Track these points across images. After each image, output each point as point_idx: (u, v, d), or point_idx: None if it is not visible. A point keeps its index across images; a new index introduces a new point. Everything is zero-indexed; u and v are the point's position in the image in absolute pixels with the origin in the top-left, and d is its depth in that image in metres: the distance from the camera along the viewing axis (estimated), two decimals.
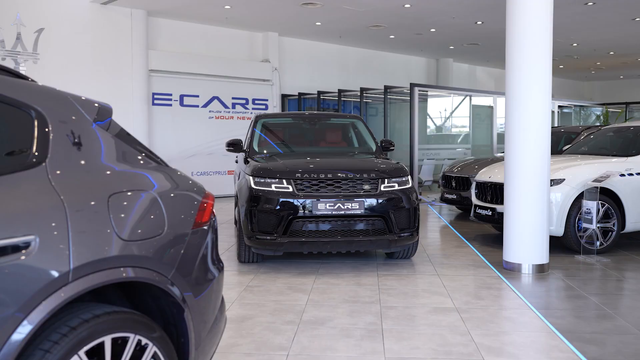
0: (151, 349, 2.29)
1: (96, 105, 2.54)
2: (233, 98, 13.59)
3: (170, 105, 12.69)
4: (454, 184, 9.94)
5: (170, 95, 12.67)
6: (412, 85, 12.17)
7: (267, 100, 14.17)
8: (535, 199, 6.00)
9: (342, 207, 5.92)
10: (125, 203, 2.30)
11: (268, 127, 7.68)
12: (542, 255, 6.06)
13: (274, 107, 14.26)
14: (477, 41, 15.32)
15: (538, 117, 5.98)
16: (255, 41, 14.26)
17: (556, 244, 7.16)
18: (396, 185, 6.17)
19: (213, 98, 13.28)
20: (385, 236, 6.02)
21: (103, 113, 2.55)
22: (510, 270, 6.11)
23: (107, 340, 2.13)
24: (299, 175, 6.00)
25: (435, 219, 10.09)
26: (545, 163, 6.01)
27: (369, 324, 4.36)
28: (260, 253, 6.20)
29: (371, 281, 5.66)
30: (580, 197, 6.87)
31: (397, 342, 3.98)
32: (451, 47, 16.47)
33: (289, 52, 14.85)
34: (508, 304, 4.95)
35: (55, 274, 1.97)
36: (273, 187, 5.97)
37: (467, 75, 19.55)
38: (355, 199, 5.95)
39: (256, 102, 13.97)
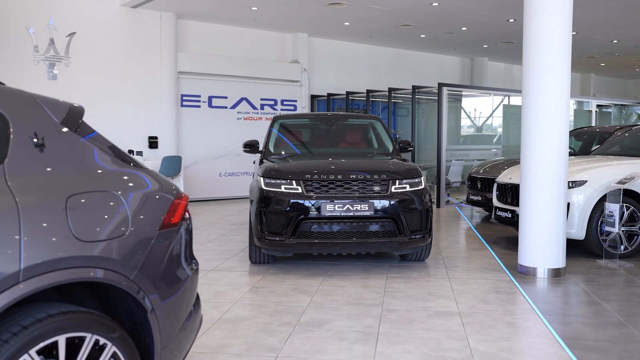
0: (110, 348, 2.31)
1: (66, 106, 2.57)
2: (262, 99, 13.67)
3: (199, 106, 12.85)
4: (479, 185, 9.76)
5: (199, 96, 12.83)
6: (440, 85, 12.00)
7: (295, 101, 14.20)
8: (551, 200, 5.83)
9: (352, 209, 5.87)
10: (85, 204, 2.32)
11: (285, 128, 7.68)
12: (558, 259, 5.88)
13: (303, 107, 14.29)
14: (512, 39, 14.99)
15: (555, 115, 5.80)
16: (285, 42, 14.32)
17: (579, 248, 6.97)
18: (408, 186, 6.09)
19: (241, 99, 13.38)
20: (396, 238, 5.94)
21: (74, 114, 2.58)
22: (525, 274, 5.96)
23: (61, 339, 2.16)
24: (309, 176, 5.98)
25: (459, 221, 9.93)
26: (562, 163, 5.84)
27: (366, 327, 4.31)
28: (270, 254, 6.20)
29: (378, 283, 5.60)
30: (603, 200, 6.66)
31: (390, 346, 3.92)
32: (485, 46, 16.18)
33: (319, 53, 14.85)
34: (514, 309, 4.82)
35: (4, 274, 2.01)
36: (282, 188, 5.97)
37: (504, 74, 19.18)
38: (365, 200, 5.90)
39: (285, 102, 14.02)
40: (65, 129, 2.48)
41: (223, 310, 4.71)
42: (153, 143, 11.99)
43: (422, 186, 6.21)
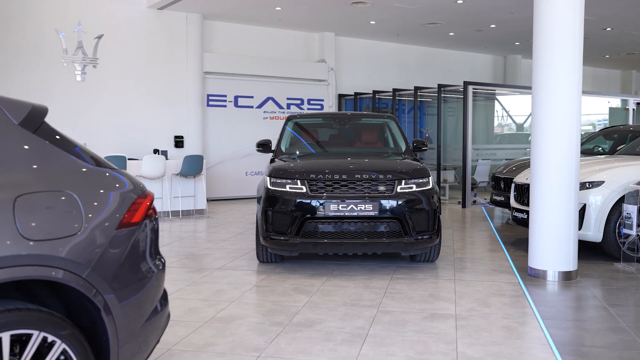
0: (59, 346, 2.34)
1: (28, 107, 2.61)
2: (288, 98, 13.71)
3: (225, 106, 12.97)
4: (502, 186, 9.55)
5: (225, 96, 12.95)
6: (466, 84, 11.81)
7: (322, 100, 14.20)
8: (562, 201, 5.65)
9: (356, 209, 5.83)
10: (34, 203, 2.35)
11: (298, 128, 7.68)
12: (568, 261, 5.71)
13: (330, 107, 14.27)
14: None
15: (565, 113, 5.63)
16: (312, 41, 14.32)
17: (598, 251, 6.77)
18: (414, 186, 6.00)
19: (267, 99, 13.45)
20: (402, 239, 5.87)
21: (35, 115, 2.62)
22: (535, 277, 5.80)
23: (5, 336, 2.19)
24: (313, 176, 5.97)
25: (481, 222, 9.75)
26: (572, 163, 5.65)
27: (356, 328, 4.26)
28: (275, 253, 6.21)
29: (381, 284, 5.54)
30: (622, 201, 6.43)
31: (375, 348, 3.87)
32: (517, 43, 15.85)
33: (346, 52, 14.79)
34: (514, 312, 4.69)
35: None
36: (287, 188, 5.97)
37: None
38: (369, 200, 5.84)
39: (311, 102, 14.02)
40: (22, 130, 2.52)
41: (218, 309, 4.74)
42: (179, 142, 12.17)
43: (430, 186, 6.11)
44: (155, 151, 11.31)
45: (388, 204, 5.87)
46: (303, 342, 3.99)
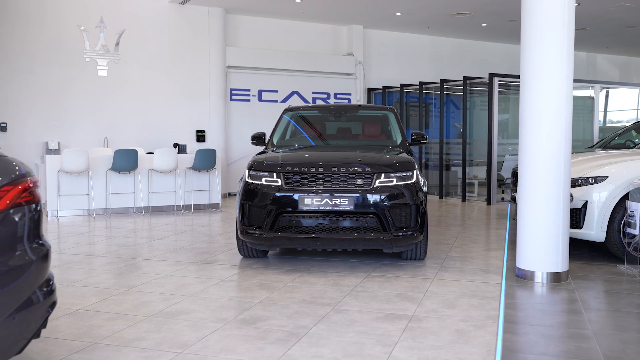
0: None
1: None
2: (313, 92, 13.55)
3: (249, 100, 12.93)
4: None
5: (249, 90, 12.91)
6: (491, 75, 11.33)
7: (349, 94, 13.96)
8: (551, 197, 5.25)
9: (330, 203, 5.61)
10: None
11: (293, 120, 7.50)
12: (557, 262, 5.31)
13: (357, 100, 14.03)
14: (584, 25, 13.89)
15: (553, 102, 5.22)
16: (339, 35, 14.09)
17: (605, 252, 6.32)
18: (395, 180, 5.72)
19: (292, 93, 13.33)
20: (380, 235, 5.60)
21: None
22: (522, 278, 5.42)
23: None
24: (289, 168, 5.78)
25: (499, 219, 9.31)
26: (562, 156, 5.24)
27: (298, 327, 4.06)
28: (254, 247, 6.07)
29: (352, 282, 5.30)
30: (627, 198, 5.95)
31: (305, 348, 3.66)
32: None
33: (376, 45, 14.49)
34: (477, 315, 4.37)
35: None
36: (263, 181, 5.81)
37: (586, 63, 17.83)
38: (345, 194, 5.61)
39: (338, 96, 13.81)
40: None
41: (170, 304, 4.63)
42: (200, 137, 12.21)
43: (413, 180, 5.81)
44: (175, 145, 11.39)
45: (365, 198, 5.62)
46: (234, 339, 3.83)
